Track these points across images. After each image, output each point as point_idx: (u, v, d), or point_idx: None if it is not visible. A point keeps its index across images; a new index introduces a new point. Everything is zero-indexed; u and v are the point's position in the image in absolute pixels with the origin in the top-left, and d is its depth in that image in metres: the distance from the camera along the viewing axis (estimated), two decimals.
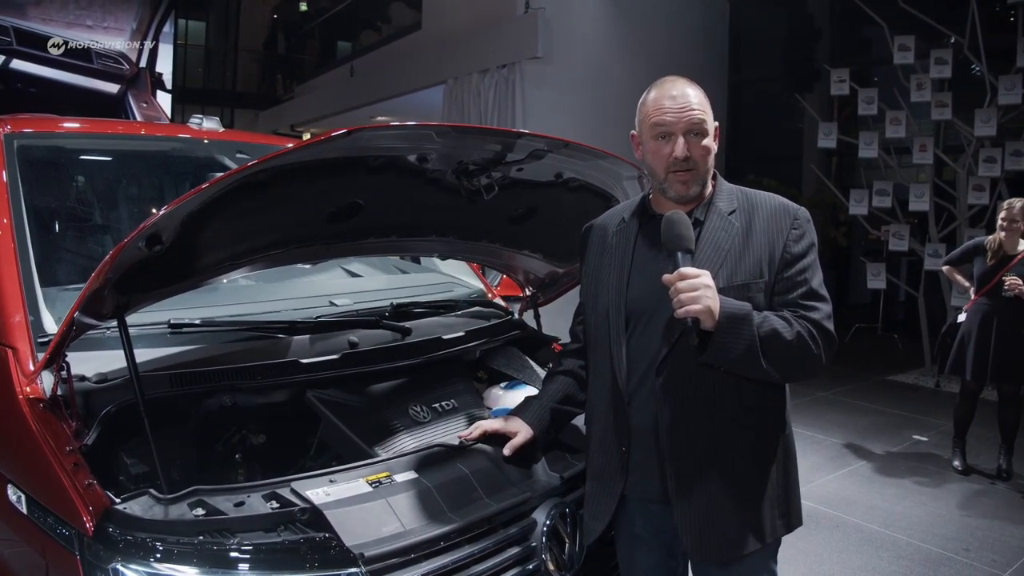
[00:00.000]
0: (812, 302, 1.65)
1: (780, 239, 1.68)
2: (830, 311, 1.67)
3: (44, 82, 8.73)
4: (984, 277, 4.68)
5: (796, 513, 1.80)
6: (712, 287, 1.54)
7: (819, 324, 1.63)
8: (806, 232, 1.70)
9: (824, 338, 1.64)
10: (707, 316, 1.53)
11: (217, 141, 2.81)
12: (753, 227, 1.69)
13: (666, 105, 1.67)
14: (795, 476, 1.80)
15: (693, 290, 1.52)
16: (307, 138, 12.31)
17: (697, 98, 1.68)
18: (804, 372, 1.68)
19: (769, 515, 1.71)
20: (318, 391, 2.05)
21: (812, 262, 1.69)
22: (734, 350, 1.56)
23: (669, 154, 1.67)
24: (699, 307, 1.51)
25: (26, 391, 1.72)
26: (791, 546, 3.73)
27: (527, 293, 2.89)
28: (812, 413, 6.01)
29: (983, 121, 7.06)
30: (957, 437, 4.98)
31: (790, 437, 1.79)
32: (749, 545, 1.68)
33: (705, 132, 1.68)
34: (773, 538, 1.73)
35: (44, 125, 2.58)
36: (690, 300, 1.51)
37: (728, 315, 1.54)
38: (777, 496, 1.73)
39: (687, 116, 1.65)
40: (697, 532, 1.68)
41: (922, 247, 7.67)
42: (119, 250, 1.45)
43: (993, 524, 4.11)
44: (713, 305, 1.53)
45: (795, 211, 1.72)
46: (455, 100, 8.51)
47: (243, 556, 1.45)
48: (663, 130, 1.67)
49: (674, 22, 8.64)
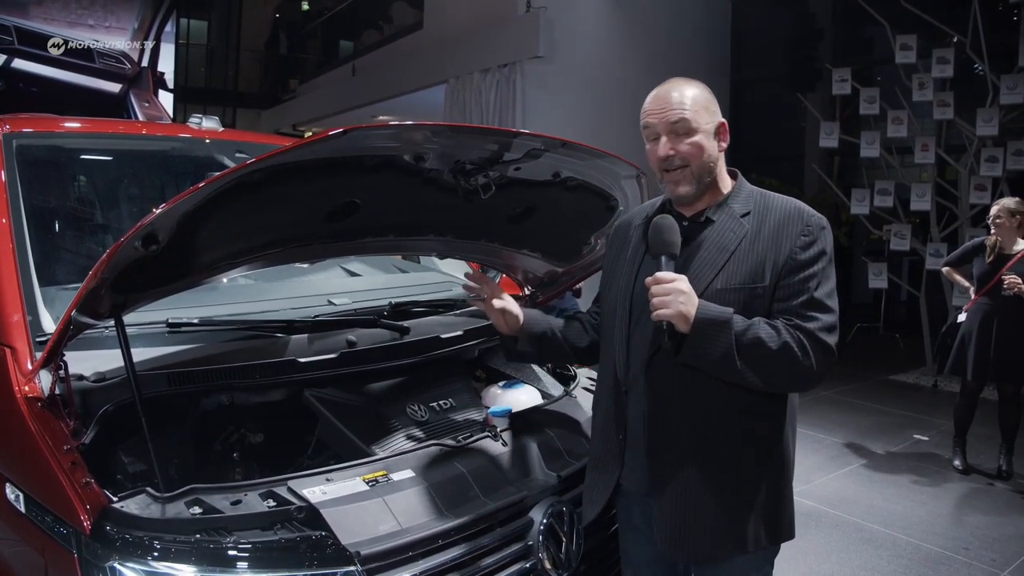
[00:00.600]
0: (812, 311, 1.62)
1: (787, 245, 1.65)
2: (832, 322, 1.63)
3: (46, 81, 8.74)
4: (984, 277, 4.70)
5: (787, 525, 1.76)
6: (686, 292, 1.57)
7: (813, 334, 1.59)
8: (817, 240, 1.66)
9: (817, 349, 1.59)
10: (679, 320, 1.56)
11: (216, 141, 2.82)
12: (762, 231, 1.68)
13: (650, 107, 1.71)
14: (788, 487, 1.77)
15: (666, 295, 1.56)
16: (308, 137, 12.34)
17: (684, 98, 1.67)
18: (792, 382, 1.66)
19: (753, 523, 1.68)
20: (316, 390, 2.05)
21: (819, 271, 1.65)
22: (709, 354, 1.58)
23: (656, 156, 1.70)
24: (670, 311, 1.56)
25: (24, 390, 1.73)
26: (791, 545, 3.72)
27: (526, 292, 2.89)
28: (814, 412, 6.01)
29: (985, 121, 7.05)
30: (957, 437, 4.98)
31: (787, 448, 1.75)
32: (725, 549, 1.67)
33: (692, 131, 1.66)
34: (757, 547, 1.69)
35: (43, 125, 2.59)
36: (662, 304, 1.57)
37: (706, 320, 1.56)
38: (765, 505, 1.70)
39: (666, 116, 1.67)
40: (668, 528, 1.69)
41: (924, 247, 7.66)
42: (115, 249, 1.46)
43: (993, 523, 4.11)
44: (685, 310, 1.56)
45: (808, 218, 1.68)
46: (456, 99, 8.51)
47: (240, 554, 1.46)
48: (648, 132, 1.72)
49: (676, 21, 8.64)
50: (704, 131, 1.68)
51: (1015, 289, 4.41)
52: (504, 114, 7.72)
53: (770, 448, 1.72)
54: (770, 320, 1.62)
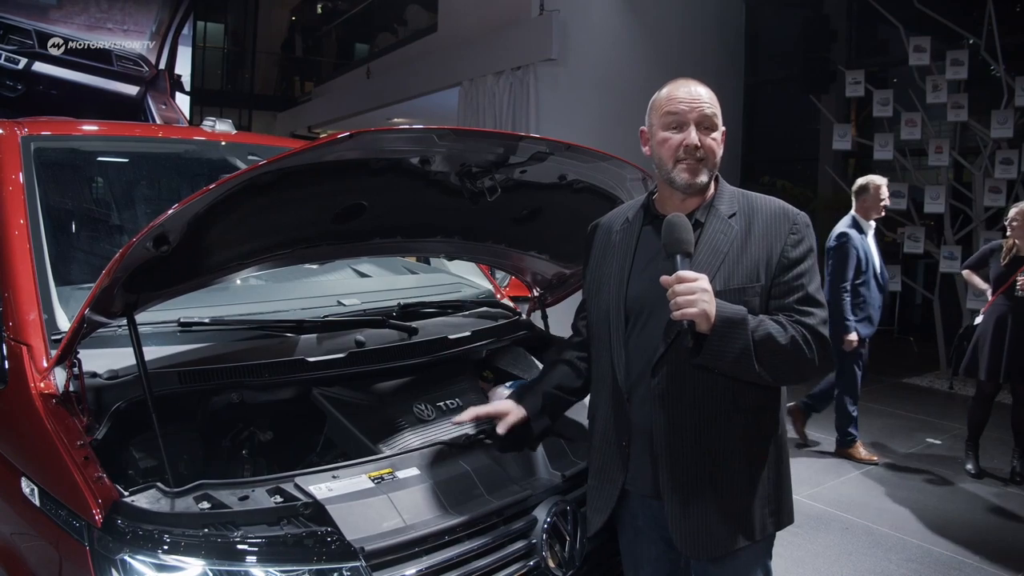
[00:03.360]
0: (808, 307, 1.68)
1: (778, 244, 1.70)
2: (825, 316, 1.70)
3: (66, 84, 8.87)
4: (999, 279, 4.72)
5: (787, 511, 1.82)
6: (709, 291, 1.57)
7: (813, 329, 1.65)
8: (804, 237, 1.72)
9: (818, 343, 1.66)
10: (702, 319, 1.56)
11: (230, 144, 2.86)
12: (752, 231, 1.72)
13: (680, 96, 1.72)
14: (787, 475, 1.82)
15: (690, 293, 1.55)
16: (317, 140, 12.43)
17: (709, 96, 1.74)
18: (797, 376, 1.72)
19: (759, 513, 1.73)
20: (324, 389, 2.08)
21: (809, 267, 1.71)
22: (728, 353, 1.59)
23: (679, 143, 1.70)
24: (695, 311, 1.55)
25: (39, 387, 1.76)
26: (801, 548, 3.74)
27: (535, 294, 2.92)
28: (825, 415, 5.98)
29: (1000, 123, 6.99)
30: (970, 440, 4.94)
31: (783, 436, 1.82)
32: (738, 542, 1.71)
33: (715, 127, 1.73)
34: (763, 535, 1.75)
35: (60, 128, 2.64)
36: (687, 303, 1.55)
37: (724, 319, 1.57)
38: (768, 494, 1.75)
39: (700, 108, 1.71)
40: (686, 528, 1.70)
41: (938, 249, 7.61)
42: (127, 250, 1.49)
43: (1005, 528, 4.08)
44: (709, 309, 1.56)
45: (794, 216, 1.74)
46: (470, 102, 8.55)
47: (247, 548, 1.49)
48: (675, 119, 1.71)
49: (689, 23, 8.63)
50: (721, 130, 1.75)
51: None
52: (517, 116, 7.75)
53: (772, 440, 1.77)
54: (774, 317, 1.66)
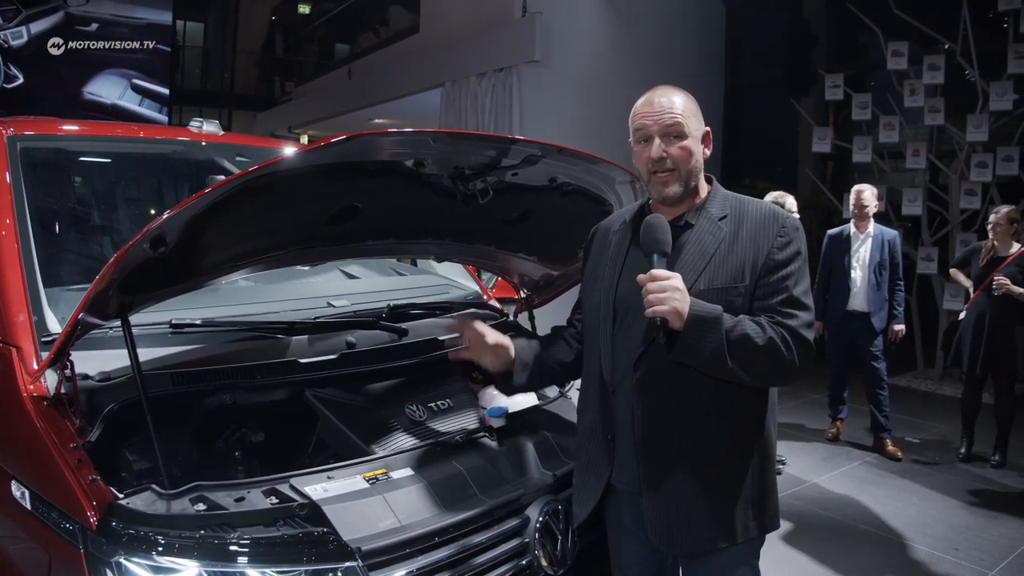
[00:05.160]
0: (791, 309, 1.69)
1: (765, 246, 1.72)
2: (810, 319, 1.70)
3: None
4: (979, 278, 5.09)
5: (772, 515, 1.81)
6: (681, 290, 1.60)
7: (795, 331, 1.67)
8: (792, 240, 1.74)
9: (799, 345, 1.67)
10: (674, 317, 1.59)
11: (217, 144, 2.85)
12: (740, 233, 1.75)
13: (643, 111, 1.76)
14: (772, 480, 1.83)
15: (661, 292, 1.59)
16: (304, 141, 12.33)
17: (677, 104, 1.75)
18: (777, 377, 1.73)
19: (742, 515, 1.74)
20: (316, 390, 2.08)
21: (796, 270, 1.73)
22: (701, 351, 1.61)
23: (648, 156, 1.74)
24: (665, 308, 1.58)
25: (30, 389, 1.75)
26: (783, 546, 3.77)
27: (522, 295, 2.93)
28: (805, 415, 6.06)
29: (975, 126, 7.13)
30: (964, 428, 5.30)
31: (770, 440, 1.82)
32: (717, 542, 1.72)
33: (683, 135, 1.73)
34: (745, 538, 1.75)
35: (46, 127, 2.62)
36: (657, 301, 1.59)
37: (696, 317, 1.60)
38: (751, 497, 1.75)
39: (661, 119, 1.73)
40: (662, 524, 1.72)
41: (915, 251, 7.72)
42: (125, 251, 1.49)
43: (982, 523, 4.17)
44: (680, 307, 1.59)
45: (784, 219, 1.76)
46: (452, 103, 8.54)
47: (243, 550, 1.49)
48: (641, 134, 1.76)
49: (671, 26, 8.69)
50: (693, 136, 1.75)
51: (1003, 290, 4.79)
52: (500, 118, 7.75)
53: (755, 442, 1.77)
54: (754, 317, 1.68)
